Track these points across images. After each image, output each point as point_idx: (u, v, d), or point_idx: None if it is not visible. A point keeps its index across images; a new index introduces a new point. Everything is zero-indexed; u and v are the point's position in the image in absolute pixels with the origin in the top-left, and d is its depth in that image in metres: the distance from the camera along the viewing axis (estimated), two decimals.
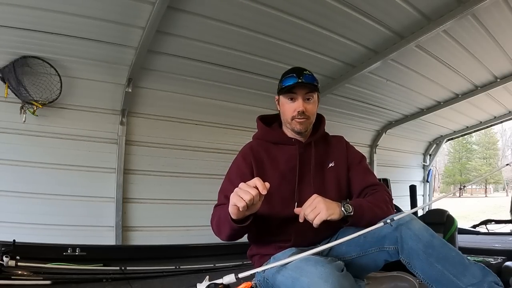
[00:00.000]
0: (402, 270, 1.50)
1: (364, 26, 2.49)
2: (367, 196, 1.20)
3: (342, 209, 1.03)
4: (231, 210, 0.98)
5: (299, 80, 1.18)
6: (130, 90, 2.71)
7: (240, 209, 0.95)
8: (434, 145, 5.71)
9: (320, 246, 1.01)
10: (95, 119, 2.80)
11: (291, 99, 1.21)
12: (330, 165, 1.25)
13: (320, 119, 1.34)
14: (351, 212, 1.04)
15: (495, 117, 4.89)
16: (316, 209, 1.01)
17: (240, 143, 1.34)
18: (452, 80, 3.55)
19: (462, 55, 3.04)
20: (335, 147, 1.31)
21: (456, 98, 3.98)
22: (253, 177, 1.16)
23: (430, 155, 5.76)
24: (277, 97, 1.29)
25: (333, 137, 1.35)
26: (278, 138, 1.28)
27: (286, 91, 1.20)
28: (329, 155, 1.28)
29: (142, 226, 2.98)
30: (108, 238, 2.79)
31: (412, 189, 3.58)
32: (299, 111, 1.19)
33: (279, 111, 1.29)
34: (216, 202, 1.22)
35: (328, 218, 1.00)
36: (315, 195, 1.06)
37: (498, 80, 3.60)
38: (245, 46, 2.66)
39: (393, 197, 1.26)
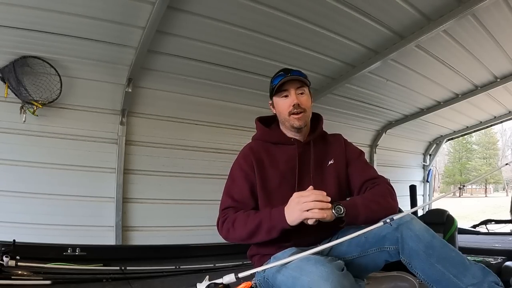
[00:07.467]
0: (402, 270, 1.50)
1: (364, 26, 2.49)
2: (367, 190, 1.20)
3: (333, 211, 1.02)
4: (300, 219, 1.01)
5: (288, 75, 1.21)
6: (130, 90, 2.72)
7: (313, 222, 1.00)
8: (434, 145, 5.72)
9: (320, 246, 1.01)
10: (95, 119, 2.81)
11: (285, 96, 1.23)
12: (329, 162, 1.26)
13: (318, 118, 1.35)
14: (342, 214, 1.03)
15: (495, 117, 4.89)
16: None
17: (240, 143, 1.34)
18: (452, 80, 3.55)
19: (462, 55, 3.03)
20: (333, 145, 1.31)
21: (456, 98, 3.98)
22: (255, 176, 1.16)
23: (430, 155, 5.77)
24: (270, 101, 1.31)
25: (332, 135, 1.36)
26: (277, 138, 1.28)
27: (277, 89, 1.22)
28: (328, 153, 1.28)
29: (142, 226, 2.98)
30: (108, 238, 2.79)
31: (412, 189, 3.57)
32: (294, 105, 1.20)
33: (275, 113, 1.30)
34: (219, 204, 1.21)
35: (320, 219, 1.00)
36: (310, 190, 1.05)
37: (498, 80, 3.60)
38: (245, 46, 2.66)
39: None
